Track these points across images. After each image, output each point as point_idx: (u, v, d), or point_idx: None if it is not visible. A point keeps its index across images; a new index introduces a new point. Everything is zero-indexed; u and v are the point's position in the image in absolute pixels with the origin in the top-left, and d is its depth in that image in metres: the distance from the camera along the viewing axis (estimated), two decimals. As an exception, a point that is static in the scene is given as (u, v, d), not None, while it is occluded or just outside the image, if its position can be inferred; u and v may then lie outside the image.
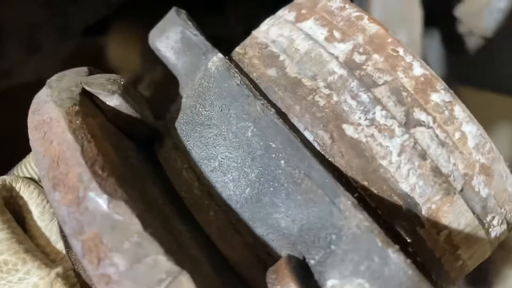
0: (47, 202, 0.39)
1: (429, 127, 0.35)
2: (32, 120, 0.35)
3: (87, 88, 0.37)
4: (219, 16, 1.10)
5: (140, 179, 0.36)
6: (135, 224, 0.29)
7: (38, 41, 0.87)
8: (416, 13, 0.86)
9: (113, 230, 0.29)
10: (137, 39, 1.06)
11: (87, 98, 0.37)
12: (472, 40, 0.98)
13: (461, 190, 0.35)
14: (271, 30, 0.41)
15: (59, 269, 0.36)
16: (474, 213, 0.36)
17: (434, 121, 0.35)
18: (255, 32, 0.42)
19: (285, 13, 0.41)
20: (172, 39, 0.42)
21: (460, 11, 0.93)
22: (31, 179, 0.41)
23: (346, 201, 0.31)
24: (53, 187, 0.31)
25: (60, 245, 0.38)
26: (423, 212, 0.35)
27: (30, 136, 0.35)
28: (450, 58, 1.12)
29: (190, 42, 0.41)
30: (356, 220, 0.30)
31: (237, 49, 0.42)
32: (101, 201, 0.29)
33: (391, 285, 0.28)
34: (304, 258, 0.32)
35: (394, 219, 0.34)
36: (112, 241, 0.28)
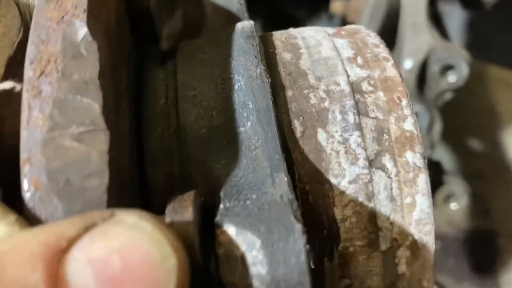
0: (20, 23, 0.37)
1: (389, 177, 0.35)
2: None
3: None
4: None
5: (121, 57, 0.36)
6: (93, 65, 0.30)
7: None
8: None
9: (72, 58, 0.30)
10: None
11: None
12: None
13: (384, 252, 0.35)
14: (307, 31, 0.43)
15: None
16: (384, 282, 0.36)
17: (397, 174, 0.35)
18: (292, 29, 0.45)
19: (328, 29, 0.44)
20: None
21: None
22: None
23: (283, 177, 0.31)
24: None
25: None
26: (340, 247, 0.35)
27: None
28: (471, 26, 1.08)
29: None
30: (282, 191, 0.30)
31: (271, 32, 0.44)
32: (80, 32, 0.30)
33: (280, 258, 0.28)
34: (214, 204, 0.32)
35: (313, 236, 0.34)
36: (65, 66, 0.29)
